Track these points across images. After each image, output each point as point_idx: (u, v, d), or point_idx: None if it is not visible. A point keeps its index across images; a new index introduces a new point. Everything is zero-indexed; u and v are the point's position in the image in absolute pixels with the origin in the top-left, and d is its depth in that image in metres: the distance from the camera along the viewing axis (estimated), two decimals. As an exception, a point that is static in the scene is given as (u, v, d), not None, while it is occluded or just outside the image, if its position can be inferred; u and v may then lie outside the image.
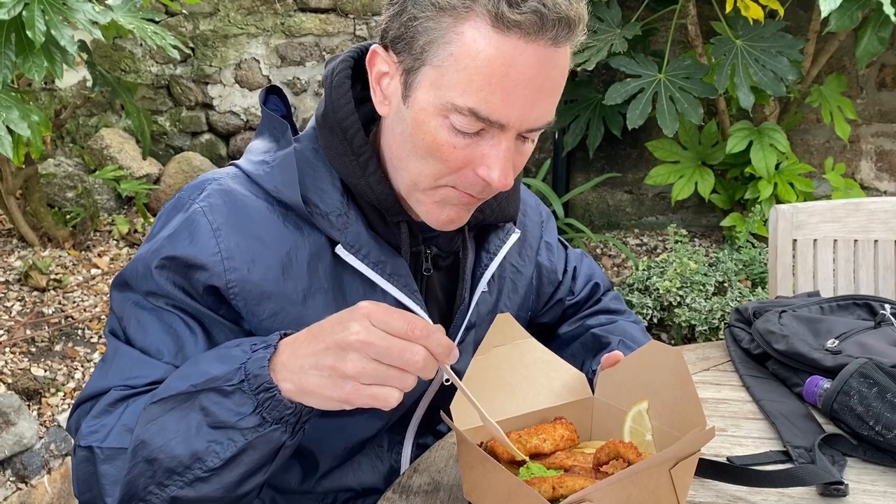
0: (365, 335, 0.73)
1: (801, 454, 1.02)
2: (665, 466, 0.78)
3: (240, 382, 0.79)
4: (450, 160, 0.87)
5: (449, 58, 0.83)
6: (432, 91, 0.85)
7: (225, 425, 0.80)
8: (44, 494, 2.09)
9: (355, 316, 0.75)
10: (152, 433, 0.82)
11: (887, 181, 3.55)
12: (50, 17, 2.19)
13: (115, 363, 0.91)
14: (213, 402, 0.80)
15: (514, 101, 0.83)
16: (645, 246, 3.56)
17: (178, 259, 0.90)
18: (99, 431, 0.86)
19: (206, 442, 0.80)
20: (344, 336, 0.74)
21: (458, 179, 0.89)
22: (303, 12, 3.77)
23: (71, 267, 3.02)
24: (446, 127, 0.85)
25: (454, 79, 0.83)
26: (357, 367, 0.73)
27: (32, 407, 2.26)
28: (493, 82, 0.82)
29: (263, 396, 0.78)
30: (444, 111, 0.84)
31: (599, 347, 1.15)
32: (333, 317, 0.78)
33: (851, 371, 1.09)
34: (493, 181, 0.86)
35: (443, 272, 1.05)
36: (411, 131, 0.88)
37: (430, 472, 0.98)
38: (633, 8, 3.22)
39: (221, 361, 0.82)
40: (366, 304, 0.76)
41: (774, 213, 1.71)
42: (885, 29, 2.68)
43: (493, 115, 0.83)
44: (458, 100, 0.83)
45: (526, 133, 0.87)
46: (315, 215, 0.93)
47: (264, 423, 0.79)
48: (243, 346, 0.83)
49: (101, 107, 3.94)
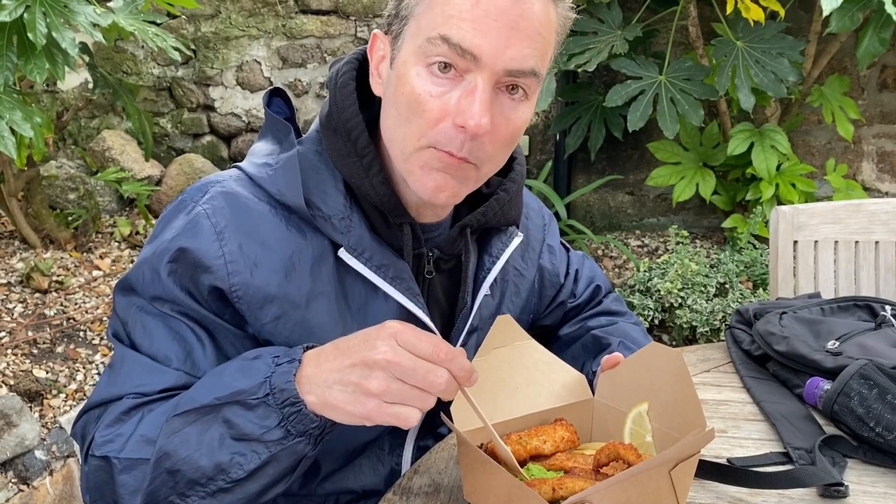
0: (391, 355, 0.75)
1: (801, 455, 1.02)
2: (665, 468, 0.78)
3: (265, 396, 0.80)
4: (427, 110, 0.86)
5: (425, 3, 0.86)
6: (412, 41, 0.87)
7: (249, 438, 0.81)
8: (45, 496, 2.09)
9: (382, 335, 0.76)
10: (175, 445, 0.83)
11: (889, 182, 3.55)
12: (51, 20, 2.19)
13: (123, 370, 0.91)
14: (237, 415, 0.81)
15: (486, 32, 0.83)
16: (646, 247, 3.56)
17: (184, 262, 0.90)
18: (115, 441, 0.86)
19: (229, 454, 0.82)
20: (371, 354, 0.76)
21: (438, 135, 0.87)
22: (304, 14, 3.78)
23: (73, 269, 3.02)
24: (423, 75, 0.86)
25: (428, 18, 0.86)
26: (382, 385, 0.75)
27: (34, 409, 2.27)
28: (463, 10, 0.83)
29: (289, 410, 0.80)
30: (421, 53, 0.86)
31: (600, 349, 1.16)
32: (360, 333, 0.80)
33: (852, 372, 1.09)
34: (468, 124, 0.84)
35: (445, 275, 1.05)
36: (394, 90, 0.89)
37: (431, 474, 0.98)
38: (633, 9, 3.22)
39: (244, 374, 0.83)
40: (393, 324, 0.77)
41: (775, 215, 1.71)
42: (886, 30, 2.68)
43: (464, 41, 0.83)
44: (432, 32, 0.85)
45: (504, 78, 0.86)
46: (318, 218, 0.93)
47: (288, 436, 0.81)
48: (264, 357, 0.84)
49: (102, 109, 3.95)
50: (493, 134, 0.87)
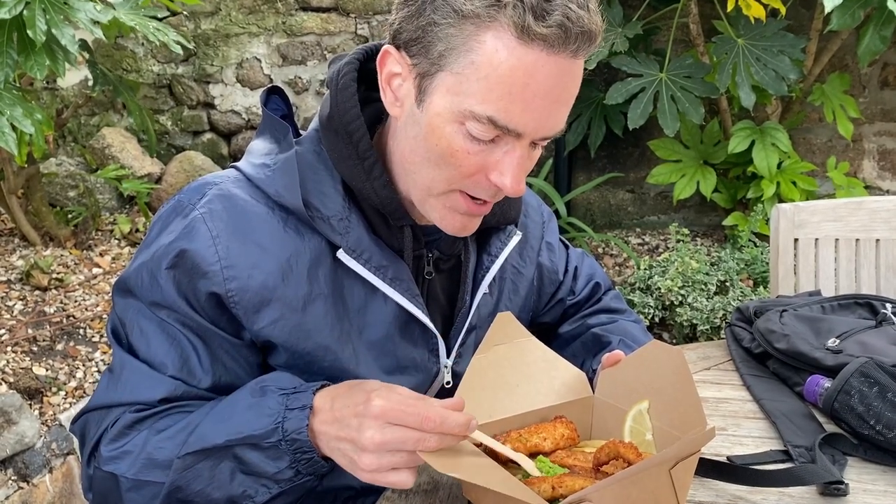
0: (379, 437, 0.78)
1: (801, 453, 1.02)
2: (665, 466, 0.78)
3: (277, 441, 0.83)
4: (463, 165, 0.87)
5: (469, 65, 0.82)
6: (449, 97, 0.84)
7: (260, 475, 0.85)
8: (45, 494, 2.10)
9: (368, 415, 0.79)
10: (188, 480, 0.86)
11: (890, 180, 3.54)
12: (51, 17, 2.19)
13: (123, 376, 0.92)
14: (249, 455, 0.85)
15: (532, 111, 0.83)
16: (647, 245, 3.56)
17: (185, 258, 0.90)
18: (122, 459, 0.89)
19: (241, 487, 0.86)
20: (358, 436, 0.79)
21: (470, 184, 0.89)
22: (304, 11, 3.77)
23: (72, 266, 3.02)
24: (462, 133, 0.85)
25: (474, 87, 0.83)
26: (372, 464, 0.79)
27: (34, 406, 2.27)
28: (513, 92, 0.82)
29: (300, 456, 0.84)
30: (460, 118, 0.84)
31: (600, 347, 1.15)
32: (352, 398, 0.82)
33: (852, 370, 1.09)
34: (506, 187, 0.87)
35: (444, 275, 1.05)
36: (425, 135, 0.88)
37: (430, 471, 0.98)
38: (634, 7, 3.22)
39: (255, 414, 0.85)
40: (377, 402, 0.79)
41: (776, 213, 1.71)
42: (887, 27, 2.67)
43: (510, 124, 0.83)
44: (476, 108, 0.83)
45: (539, 141, 0.88)
46: (316, 219, 0.93)
47: (299, 475, 0.85)
48: (273, 394, 0.86)
49: (102, 106, 3.94)
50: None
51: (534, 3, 0.79)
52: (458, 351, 1.06)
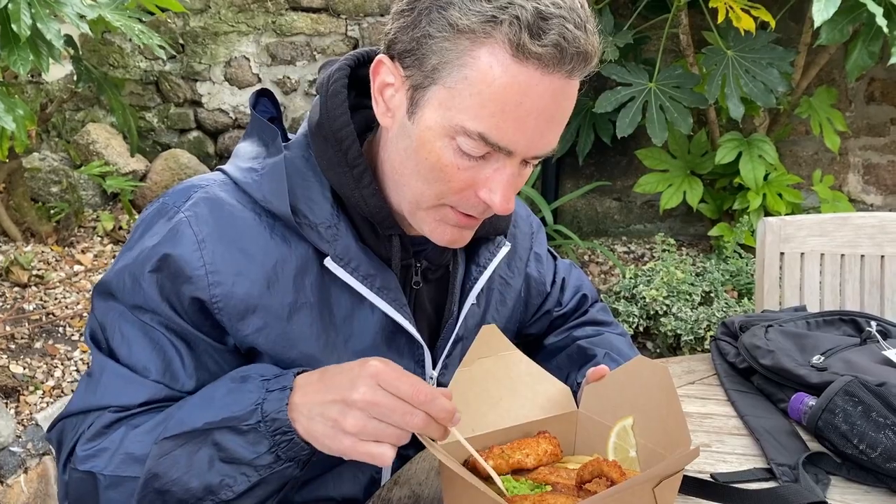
0: (370, 395, 0.76)
1: (784, 472, 1.02)
2: (648, 485, 0.77)
3: (256, 423, 0.81)
4: (453, 181, 0.86)
5: (462, 80, 0.81)
6: (441, 111, 0.83)
7: (239, 461, 0.82)
8: (20, 494, 2.06)
9: (363, 374, 0.77)
10: (165, 467, 0.83)
11: (874, 194, 3.57)
12: (36, 11, 2.16)
13: (102, 380, 0.90)
14: (228, 440, 0.82)
15: (525, 129, 0.82)
16: (632, 254, 3.57)
17: (169, 261, 0.88)
18: (98, 457, 0.86)
19: (219, 476, 0.83)
20: (350, 393, 0.76)
21: (460, 200, 0.88)
22: (294, 11, 3.75)
23: (53, 263, 2.98)
24: (452, 148, 0.84)
25: (466, 102, 0.82)
26: (357, 424, 0.76)
27: (10, 405, 2.23)
28: (506, 110, 0.81)
29: (280, 438, 0.81)
30: (451, 133, 0.83)
31: (585, 360, 1.14)
32: (345, 366, 0.80)
33: (837, 389, 1.09)
34: (495, 205, 0.86)
35: (432, 285, 1.04)
36: (415, 148, 0.86)
37: (411, 485, 0.97)
38: (625, 16, 3.22)
39: (235, 398, 0.83)
40: (375, 363, 0.78)
41: (762, 226, 1.71)
42: (875, 43, 2.69)
43: (502, 141, 0.82)
44: (468, 123, 0.82)
45: (530, 159, 0.87)
46: (304, 226, 0.91)
47: (278, 461, 0.82)
48: (253, 380, 0.84)
49: (88, 101, 3.90)
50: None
51: (530, 21, 0.78)
52: (445, 362, 1.05)
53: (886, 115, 3.49)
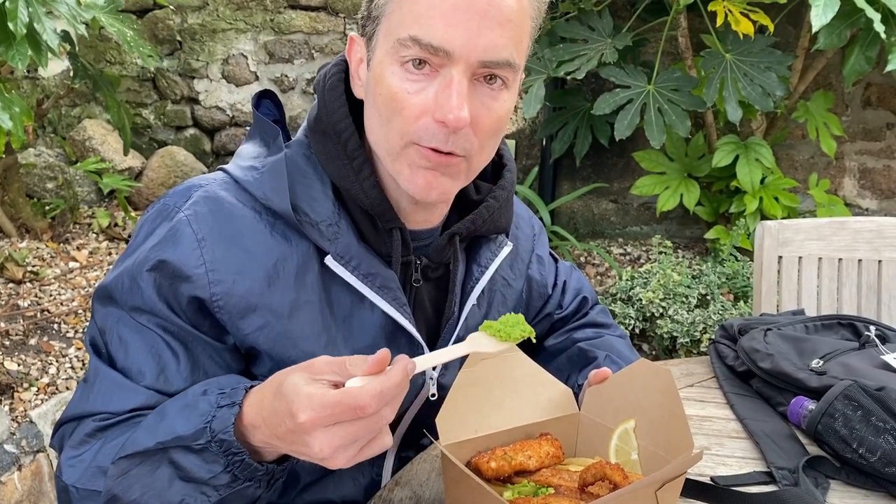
0: (328, 443, 0.70)
1: (784, 476, 1.02)
2: (651, 489, 0.77)
3: (206, 443, 0.77)
4: (406, 108, 0.85)
5: (394, 1, 0.85)
6: (385, 41, 0.86)
7: (197, 480, 0.79)
8: (13, 492, 2.05)
9: (303, 431, 0.70)
10: (123, 487, 0.81)
11: (870, 198, 3.58)
12: (33, 9, 2.14)
13: (95, 386, 0.89)
14: (184, 458, 0.79)
15: (456, 25, 0.82)
16: (629, 255, 3.57)
17: (164, 271, 0.88)
18: (76, 467, 0.85)
19: (179, 495, 0.79)
20: (312, 452, 0.71)
21: (420, 131, 0.86)
22: (293, 9, 3.74)
23: (49, 259, 2.97)
24: (398, 74, 0.86)
25: (398, 17, 0.85)
26: (342, 458, 0.71)
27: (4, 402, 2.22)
28: (431, 7, 0.82)
29: (232, 459, 0.77)
30: (394, 53, 0.85)
31: (586, 362, 1.15)
32: (278, 417, 0.72)
33: (836, 393, 1.09)
34: (447, 119, 0.83)
35: (432, 283, 1.04)
36: (373, 91, 0.88)
37: (412, 486, 0.97)
38: (624, 18, 3.22)
39: (187, 416, 0.80)
40: (304, 415, 0.69)
41: (760, 230, 1.72)
42: (872, 48, 2.70)
43: (434, 40, 0.82)
44: (402, 33, 0.84)
45: (480, 70, 0.85)
46: (305, 224, 0.91)
47: (236, 481, 0.79)
48: (210, 395, 0.81)
49: (84, 97, 3.88)
50: (476, 125, 0.87)
51: None
52: (445, 364, 1.04)
53: (882, 119, 3.51)
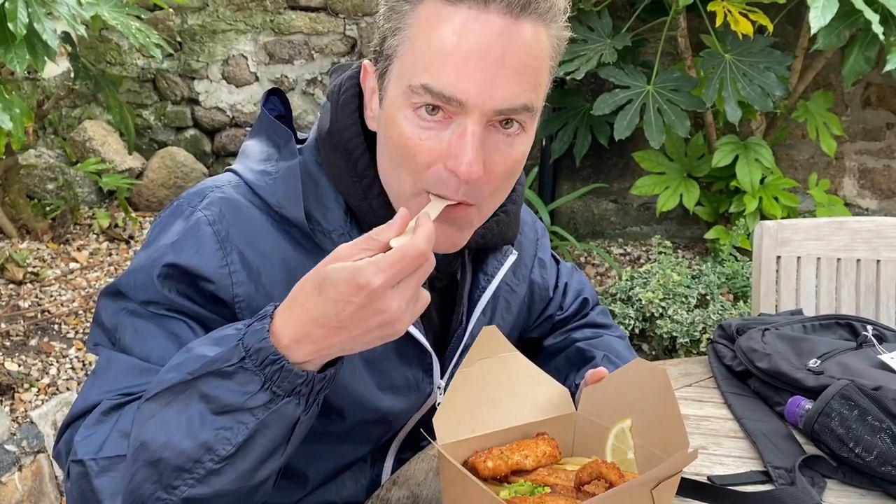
0: (400, 299, 0.71)
1: (781, 475, 1.02)
2: (647, 487, 0.77)
3: (240, 360, 0.73)
4: (418, 154, 0.82)
5: (408, 44, 0.82)
6: (398, 83, 0.83)
7: (232, 408, 0.74)
8: (14, 492, 2.06)
9: (376, 297, 0.70)
10: (152, 432, 0.75)
11: (869, 198, 3.58)
12: (33, 10, 2.15)
13: (107, 374, 0.85)
14: (215, 387, 0.74)
15: (470, 74, 0.79)
16: (628, 256, 3.57)
17: (182, 268, 0.86)
18: (92, 442, 0.79)
19: (213, 430, 0.74)
20: (386, 317, 0.71)
21: (431, 179, 0.83)
22: (293, 10, 3.75)
23: (49, 260, 2.97)
24: (411, 119, 0.82)
25: (411, 61, 0.81)
26: (406, 315, 0.72)
27: (5, 402, 2.22)
28: (444, 55, 0.79)
29: (271, 370, 0.73)
30: (406, 99, 0.82)
31: (584, 362, 1.15)
32: (339, 300, 0.71)
33: (833, 393, 1.09)
34: (459, 170, 0.80)
35: (438, 294, 1.03)
36: (385, 132, 0.86)
37: (410, 486, 0.97)
38: (623, 18, 3.23)
39: (215, 343, 0.76)
40: (378, 280, 0.69)
41: (759, 230, 1.72)
42: (871, 48, 2.70)
43: (447, 89, 0.79)
44: (413, 79, 0.80)
45: (495, 117, 0.82)
46: (317, 233, 0.91)
47: (276, 398, 0.74)
48: (235, 325, 0.78)
49: (84, 98, 3.89)
50: (489, 173, 0.83)
51: None
52: (452, 371, 1.05)
53: (882, 119, 3.51)
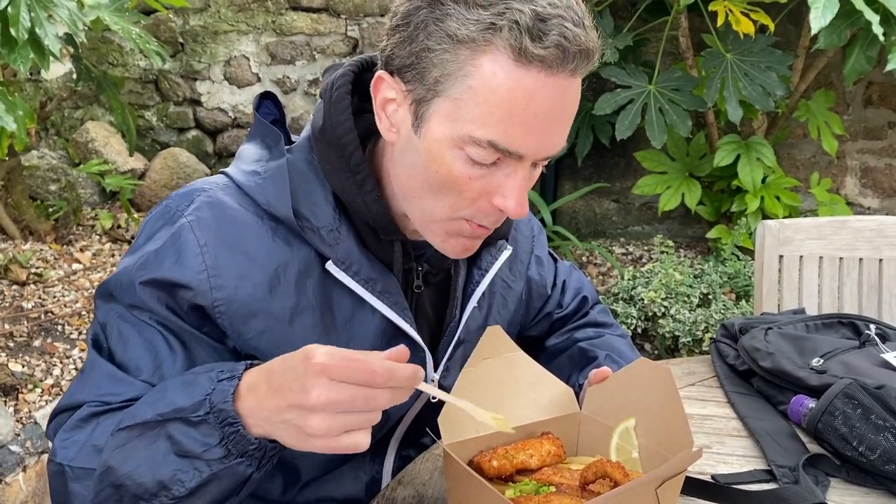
0: (326, 395, 0.70)
1: (784, 474, 1.02)
2: (651, 486, 0.77)
3: (205, 414, 0.77)
4: (465, 191, 0.85)
5: (467, 90, 0.81)
6: (448, 123, 0.83)
7: (191, 455, 0.78)
8: (18, 492, 2.06)
9: (310, 373, 0.71)
10: (119, 460, 0.80)
11: (871, 197, 3.58)
12: (35, 14, 2.16)
13: (91, 377, 0.90)
14: (180, 432, 0.79)
15: (533, 132, 0.82)
16: (630, 255, 3.57)
17: (162, 281, 0.89)
18: (69, 448, 0.85)
19: (171, 470, 0.79)
20: (305, 399, 0.71)
21: (474, 210, 0.87)
22: (294, 11, 3.75)
23: (52, 261, 2.98)
24: (462, 158, 0.83)
25: (473, 112, 0.81)
26: (322, 425, 0.71)
27: (9, 403, 2.23)
28: (513, 115, 0.80)
29: (228, 430, 0.77)
30: (460, 143, 0.82)
31: (586, 361, 1.15)
32: (289, 362, 0.74)
33: (836, 391, 1.09)
34: (510, 210, 0.86)
35: (433, 288, 1.04)
36: (425, 163, 0.86)
37: (415, 485, 0.97)
38: (625, 18, 3.23)
39: (188, 390, 0.80)
40: (320, 357, 0.71)
41: (761, 229, 1.72)
42: (872, 48, 2.70)
43: (512, 146, 0.82)
44: (477, 132, 0.81)
45: (540, 161, 0.87)
46: (306, 230, 0.92)
47: (229, 455, 0.78)
48: (210, 373, 0.81)
49: (87, 99, 3.90)
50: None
51: (529, 24, 0.78)
52: (446, 365, 1.05)
53: (884, 118, 3.51)
